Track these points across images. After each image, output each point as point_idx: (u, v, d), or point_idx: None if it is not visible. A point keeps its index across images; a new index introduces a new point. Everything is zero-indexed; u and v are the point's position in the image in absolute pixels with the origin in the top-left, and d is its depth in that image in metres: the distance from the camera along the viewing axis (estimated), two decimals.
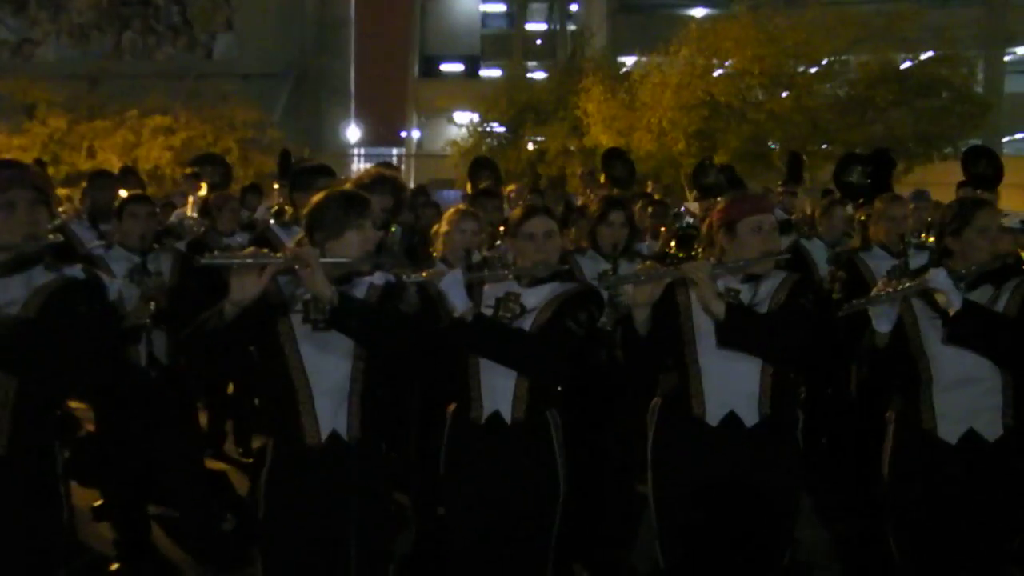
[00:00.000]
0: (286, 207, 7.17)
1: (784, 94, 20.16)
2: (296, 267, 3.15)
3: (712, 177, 8.86)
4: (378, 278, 3.46)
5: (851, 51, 20.49)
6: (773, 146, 20.36)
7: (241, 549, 5.59)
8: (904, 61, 20.56)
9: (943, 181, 12.11)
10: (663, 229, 7.33)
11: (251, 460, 6.82)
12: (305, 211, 3.47)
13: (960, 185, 8.14)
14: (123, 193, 6.92)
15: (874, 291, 3.75)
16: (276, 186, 9.11)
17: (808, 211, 9.13)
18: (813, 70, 20.55)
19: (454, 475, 3.87)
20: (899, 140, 18.86)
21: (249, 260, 3.11)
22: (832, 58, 20.54)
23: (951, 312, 3.55)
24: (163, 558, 5.57)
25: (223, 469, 6.98)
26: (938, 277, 3.59)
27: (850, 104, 20.29)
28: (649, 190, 11.85)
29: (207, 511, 5.80)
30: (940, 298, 3.61)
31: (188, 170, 10.26)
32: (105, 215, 6.25)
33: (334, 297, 3.16)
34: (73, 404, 7.06)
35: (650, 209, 8.29)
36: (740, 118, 20.04)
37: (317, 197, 3.45)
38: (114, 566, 5.35)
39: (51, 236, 3.19)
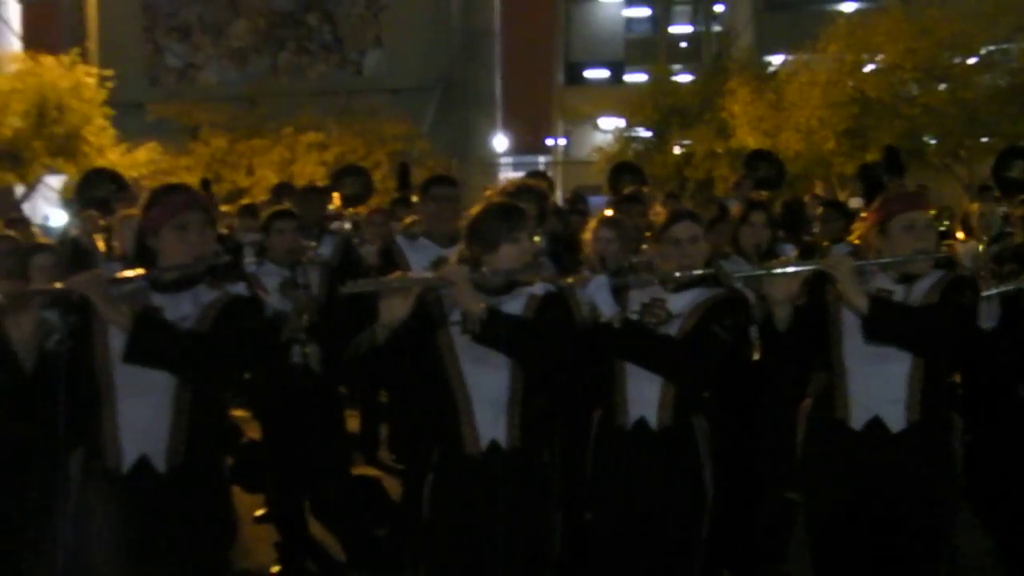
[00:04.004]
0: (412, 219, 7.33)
1: (940, 87, 19.38)
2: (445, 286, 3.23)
3: (1018, 170, 8.21)
4: (538, 288, 3.48)
5: (1013, 39, 19.55)
6: (931, 141, 19.62)
7: (395, 555, 5.73)
8: None
9: None
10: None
11: (404, 467, 6.97)
12: (464, 224, 3.55)
13: None
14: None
15: None
16: (414, 199, 9.30)
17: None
18: (971, 61, 19.69)
19: (599, 481, 3.88)
20: None
21: (395, 284, 3.21)
22: (991, 47, 19.64)
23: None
24: (322, 562, 5.75)
25: (376, 475, 7.17)
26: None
27: (1012, 94, 19.35)
28: (818, 191, 11.50)
29: (361, 516, 5.96)
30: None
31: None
32: (310, 229, 6.45)
33: (483, 313, 3.21)
34: (235, 413, 7.36)
35: (819, 211, 8.08)
36: (893, 114, 19.35)
37: (474, 209, 3.52)
38: (275, 569, 5.56)
39: (219, 256, 3.35)
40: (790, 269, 3.58)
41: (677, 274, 3.72)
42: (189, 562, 3.10)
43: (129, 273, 3.16)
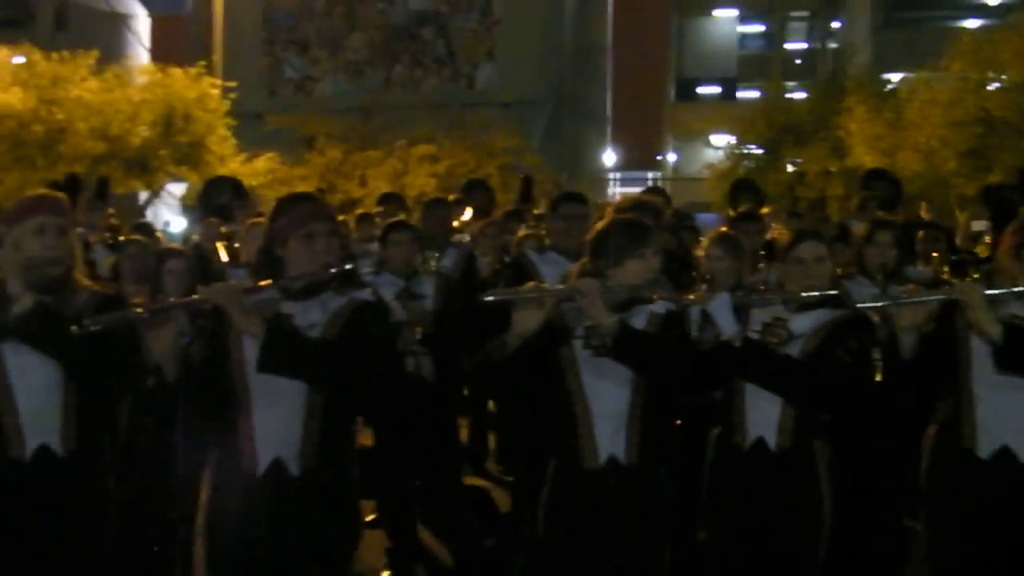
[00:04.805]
0: (541, 233, 7.35)
1: None
2: (576, 298, 3.26)
3: None
4: (660, 306, 3.49)
5: None
6: None
7: (502, 565, 5.77)
8: None
9: None
10: (935, 255, 6.97)
11: (512, 478, 7.01)
12: (588, 238, 3.58)
13: None
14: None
15: None
16: (537, 211, 9.33)
17: None
18: None
19: (716, 501, 3.85)
20: None
21: (531, 294, 3.25)
22: None
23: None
24: (431, 569, 5.82)
25: (484, 486, 7.23)
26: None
27: None
28: (922, 213, 11.23)
29: (470, 526, 6.02)
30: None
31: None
32: (435, 241, 6.55)
33: (615, 328, 3.23)
34: None
35: (920, 233, 7.89)
36: (1019, 135, 18.74)
37: (600, 224, 3.55)
38: (385, 574, 5.65)
39: (345, 264, 3.43)
40: (919, 299, 3.51)
41: (803, 294, 3.67)
42: (317, 562, 3.19)
43: (260, 283, 3.25)
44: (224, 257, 7.85)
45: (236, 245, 6.43)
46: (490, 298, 3.26)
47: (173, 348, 3.10)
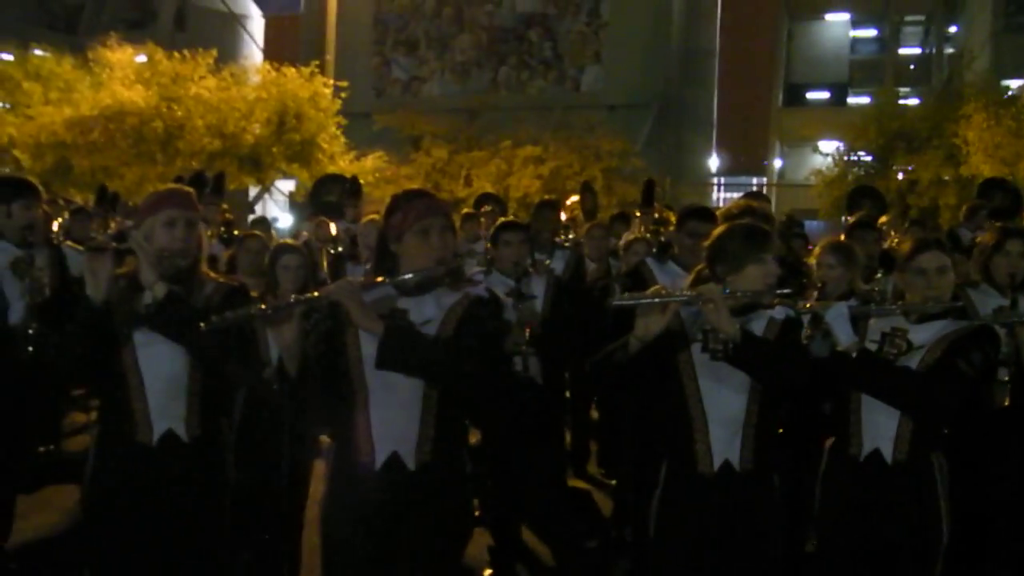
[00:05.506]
0: (647, 236, 7.33)
1: None
2: (699, 304, 3.26)
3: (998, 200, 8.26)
4: (778, 312, 3.48)
5: None
6: None
7: (602, 566, 5.78)
8: None
9: None
10: None
11: (614, 481, 7.00)
12: (707, 243, 3.56)
13: None
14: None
15: None
16: (638, 214, 9.30)
17: None
18: None
19: (828, 511, 3.79)
20: None
21: (656, 300, 3.25)
22: None
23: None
24: (533, 569, 5.85)
25: (586, 488, 7.23)
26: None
27: None
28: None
29: (572, 527, 6.03)
30: None
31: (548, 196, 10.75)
32: (543, 242, 6.60)
33: (737, 334, 3.22)
34: None
35: None
36: None
37: (719, 230, 3.53)
38: (487, 572, 5.69)
39: (459, 259, 3.48)
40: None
41: (925, 305, 3.59)
42: (431, 556, 3.23)
43: (377, 279, 3.30)
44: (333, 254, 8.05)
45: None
46: (618, 303, 3.26)
47: (296, 343, 3.17)
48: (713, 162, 35.41)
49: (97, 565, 3.73)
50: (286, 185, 24.82)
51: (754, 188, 30.37)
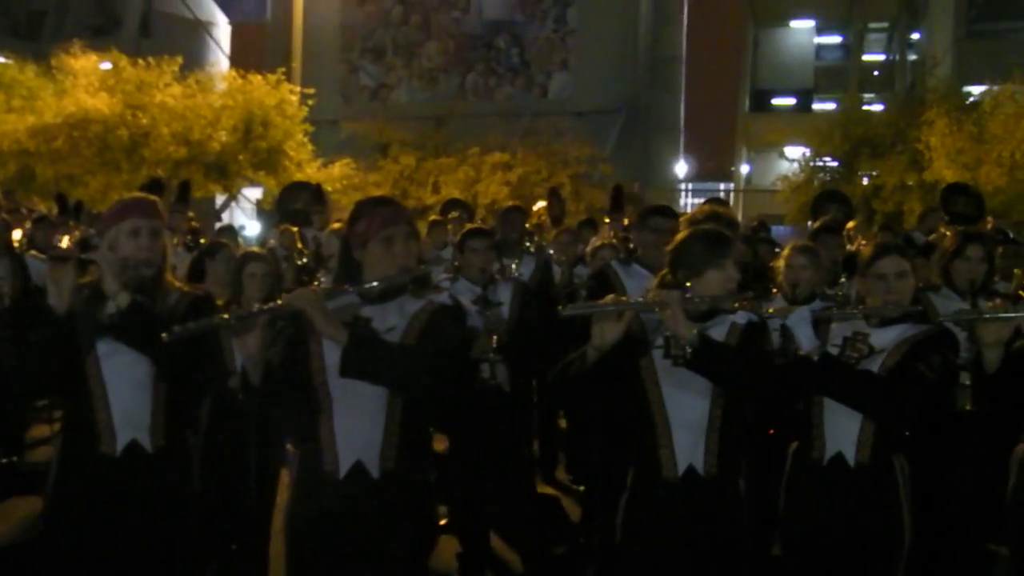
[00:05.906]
0: (616, 242, 7.35)
1: None
2: (657, 310, 3.27)
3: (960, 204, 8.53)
4: (740, 317, 3.49)
5: None
6: None
7: (571, 573, 5.78)
8: None
9: None
10: (1016, 271, 6.83)
11: (582, 487, 7.02)
12: (668, 249, 3.58)
13: None
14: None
15: None
16: (607, 220, 9.33)
17: None
18: None
19: (793, 515, 3.82)
20: None
21: (610, 307, 3.25)
22: None
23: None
24: (503, 573, 5.85)
25: (554, 495, 7.24)
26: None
27: None
28: (990, 227, 10.96)
29: (541, 534, 6.03)
30: None
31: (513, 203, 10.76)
32: (510, 247, 6.59)
33: (695, 340, 3.23)
34: None
35: (1000, 249, 7.73)
36: None
37: (680, 235, 3.55)
38: None
39: (423, 267, 3.46)
40: (1005, 315, 3.46)
41: (885, 309, 3.64)
42: (395, 563, 3.22)
43: (341, 287, 3.28)
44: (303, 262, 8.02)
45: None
46: (568, 313, 3.26)
47: (260, 352, 3.16)
48: (681, 168, 35.61)
49: None
50: (253, 193, 24.66)
51: (721, 194, 30.60)
